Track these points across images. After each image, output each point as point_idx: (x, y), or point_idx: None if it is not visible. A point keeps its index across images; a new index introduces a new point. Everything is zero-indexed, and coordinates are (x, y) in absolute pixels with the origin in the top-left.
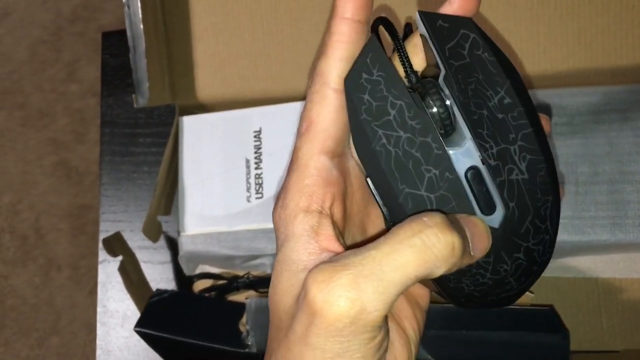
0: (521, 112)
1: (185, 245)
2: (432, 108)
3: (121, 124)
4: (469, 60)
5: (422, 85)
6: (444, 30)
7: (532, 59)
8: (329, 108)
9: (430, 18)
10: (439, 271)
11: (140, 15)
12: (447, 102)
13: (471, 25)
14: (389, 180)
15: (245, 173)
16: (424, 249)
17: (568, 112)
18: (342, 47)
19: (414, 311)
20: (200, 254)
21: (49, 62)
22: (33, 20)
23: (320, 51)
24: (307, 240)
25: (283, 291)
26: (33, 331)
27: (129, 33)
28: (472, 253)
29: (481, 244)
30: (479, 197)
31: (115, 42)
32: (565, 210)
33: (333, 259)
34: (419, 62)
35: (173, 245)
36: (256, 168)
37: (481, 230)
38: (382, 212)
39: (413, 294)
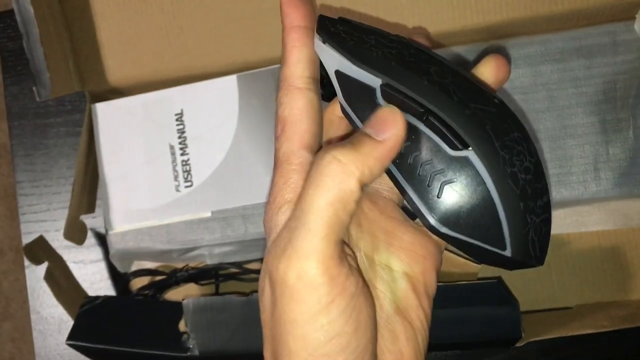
0: None
1: (115, 244)
2: None
3: (30, 115)
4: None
5: None
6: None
7: (462, 12)
8: (298, 105)
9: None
10: (351, 183)
11: None
12: None
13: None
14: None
15: (170, 161)
16: (320, 179)
17: None
18: (297, 51)
19: (421, 301)
20: (132, 251)
21: None
22: None
23: (281, 61)
24: None
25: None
26: None
27: (18, 18)
28: (377, 138)
29: (383, 127)
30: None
31: (11, 23)
32: None
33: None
34: None
35: (103, 241)
36: (182, 154)
37: (380, 116)
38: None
39: (421, 282)
